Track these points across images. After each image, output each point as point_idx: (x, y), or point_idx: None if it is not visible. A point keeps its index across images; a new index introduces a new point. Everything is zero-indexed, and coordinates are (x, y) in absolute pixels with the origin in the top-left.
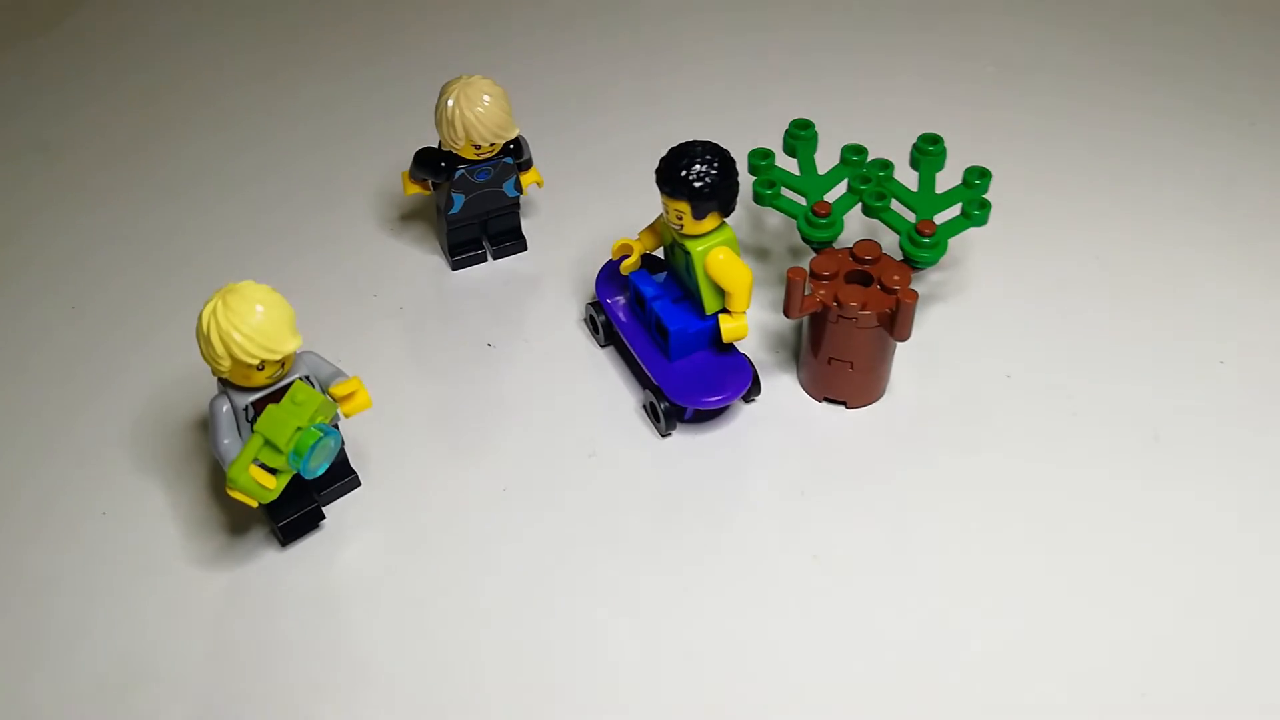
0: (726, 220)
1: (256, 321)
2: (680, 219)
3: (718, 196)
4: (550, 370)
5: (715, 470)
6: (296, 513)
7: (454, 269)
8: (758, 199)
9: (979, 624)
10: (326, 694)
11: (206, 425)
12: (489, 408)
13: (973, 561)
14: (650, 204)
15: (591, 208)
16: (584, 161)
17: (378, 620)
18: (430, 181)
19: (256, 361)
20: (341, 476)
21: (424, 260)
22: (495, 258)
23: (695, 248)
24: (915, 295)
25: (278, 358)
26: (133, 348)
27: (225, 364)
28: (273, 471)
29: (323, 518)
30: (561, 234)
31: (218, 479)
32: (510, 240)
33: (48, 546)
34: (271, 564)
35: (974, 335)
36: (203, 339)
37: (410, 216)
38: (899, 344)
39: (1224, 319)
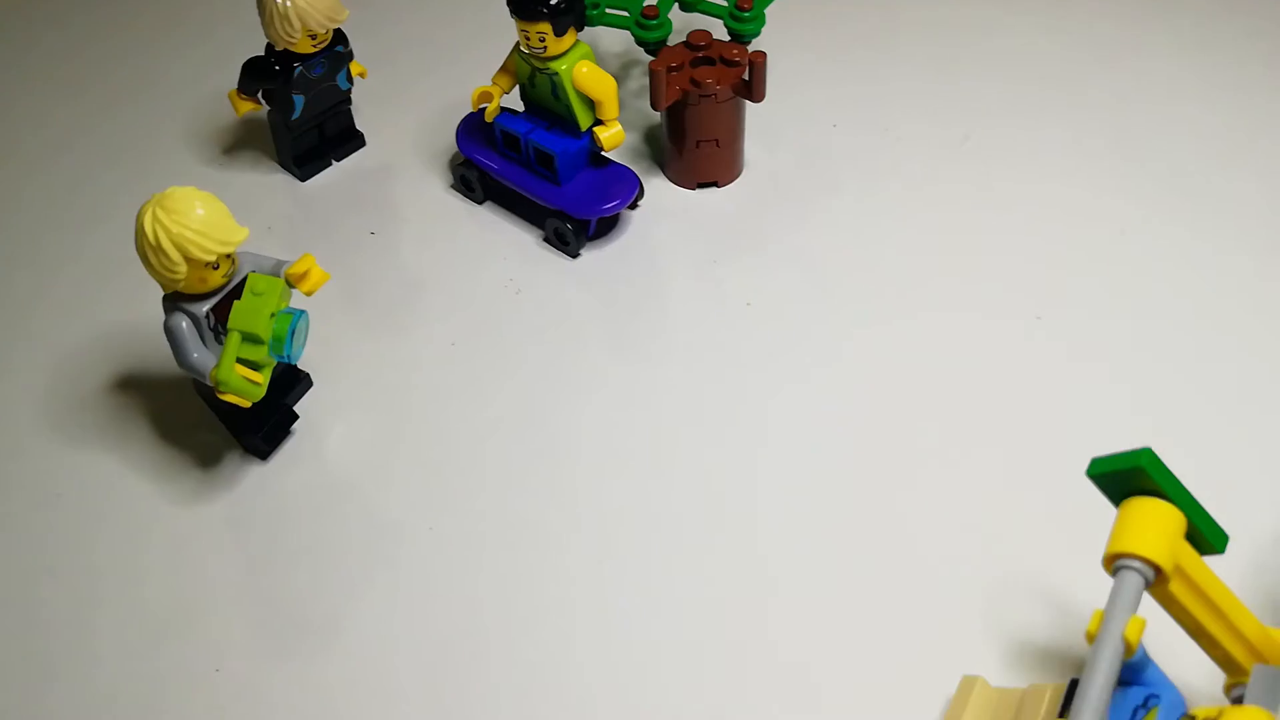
0: (580, 38)
1: (202, 216)
2: (544, 40)
3: (574, 10)
4: (442, 237)
5: (634, 269)
6: (270, 418)
7: (303, 179)
8: (588, 20)
9: (889, 315)
10: (377, 556)
11: (134, 380)
12: (401, 283)
13: (865, 267)
14: (461, 76)
15: (407, 92)
16: (386, 51)
17: (391, 483)
18: (263, 94)
19: (213, 258)
20: (295, 381)
21: (268, 181)
22: (338, 160)
23: (560, 66)
24: (764, 54)
25: (230, 250)
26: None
27: (180, 270)
28: (255, 368)
29: (296, 417)
30: (388, 123)
31: (162, 426)
32: (348, 139)
33: (19, 540)
34: (263, 479)
35: (797, 101)
36: (151, 250)
37: (234, 148)
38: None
39: (990, 47)
